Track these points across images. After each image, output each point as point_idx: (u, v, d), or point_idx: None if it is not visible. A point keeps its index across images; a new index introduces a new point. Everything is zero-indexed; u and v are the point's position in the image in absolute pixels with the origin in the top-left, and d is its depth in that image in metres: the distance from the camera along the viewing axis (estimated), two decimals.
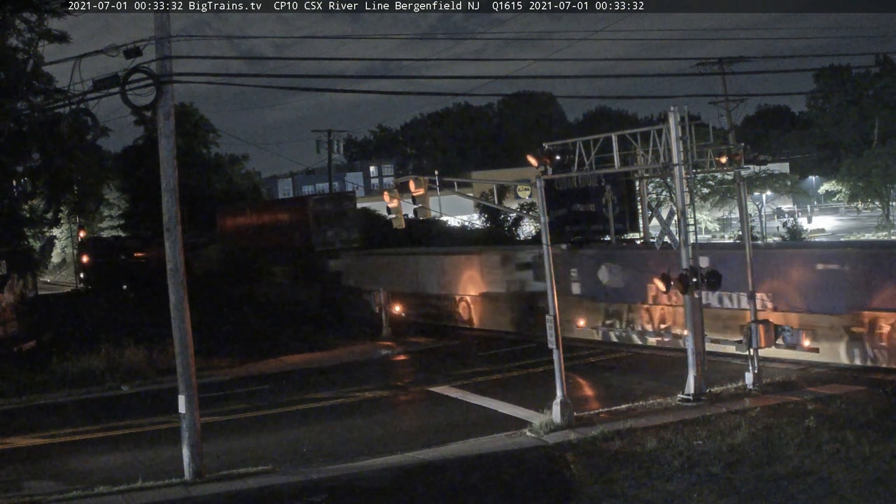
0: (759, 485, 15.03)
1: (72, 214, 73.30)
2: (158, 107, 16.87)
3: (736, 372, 22.90)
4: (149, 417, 22.89)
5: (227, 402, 24.50)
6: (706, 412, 19.76)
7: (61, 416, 23.85)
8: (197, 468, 17.07)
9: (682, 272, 21.17)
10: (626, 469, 16.38)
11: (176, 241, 17.30)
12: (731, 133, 52.03)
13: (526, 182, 57.34)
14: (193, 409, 17.19)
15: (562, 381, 19.66)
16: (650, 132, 22.73)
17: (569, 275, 30.97)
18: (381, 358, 31.50)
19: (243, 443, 20.21)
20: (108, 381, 27.36)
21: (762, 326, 22.12)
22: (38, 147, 42.25)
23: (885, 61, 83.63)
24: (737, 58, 49.77)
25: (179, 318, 17.21)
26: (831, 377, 22.63)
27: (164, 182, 17.27)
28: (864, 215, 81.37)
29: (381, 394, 25.03)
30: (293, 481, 16.82)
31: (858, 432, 17.13)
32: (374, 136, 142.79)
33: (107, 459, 19.35)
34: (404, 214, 23.15)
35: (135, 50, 16.38)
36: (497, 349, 30.74)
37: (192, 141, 70.00)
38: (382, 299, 35.00)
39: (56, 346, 32.22)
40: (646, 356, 27.45)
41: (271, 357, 31.74)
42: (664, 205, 52.28)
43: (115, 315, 43.58)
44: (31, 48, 38.34)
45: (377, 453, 18.49)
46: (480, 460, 17.66)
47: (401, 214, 22.89)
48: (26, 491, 17.03)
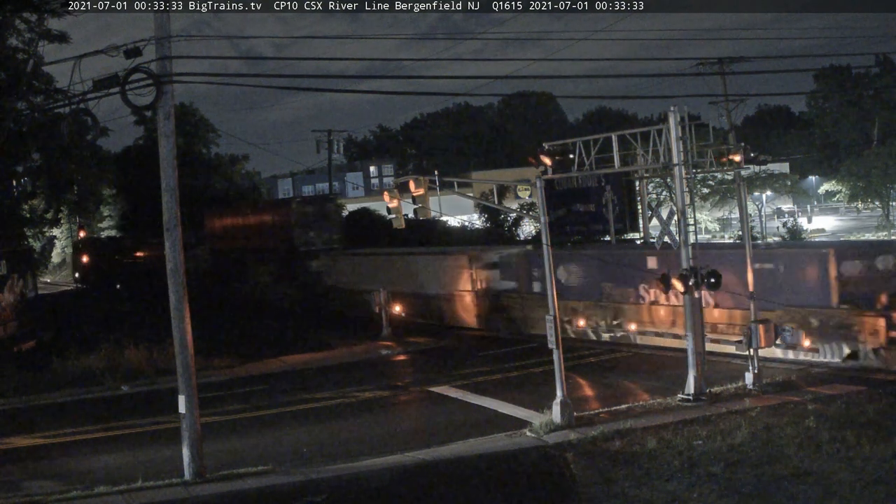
0: (759, 485, 15.03)
1: (72, 214, 73.31)
2: (158, 107, 16.87)
3: (736, 372, 22.90)
4: (149, 417, 22.89)
5: (227, 402, 24.50)
6: (706, 412, 19.77)
7: (61, 416, 23.84)
8: (197, 468, 17.07)
9: (683, 272, 21.19)
10: (626, 469, 16.38)
11: (176, 241, 17.28)
12: (731, 133, 51.97)
13: (526, 182, 57.42)
14: (193, 409, 17.19)
15: (562, 381, 19.66)
16: (650, 132, 22.74)
17: (531, 274, 32.67)
18: (381, 358, 31.50)
19: (243, 443, 20.22)
20: (108, 381, 27.35)
21: (762, 326, 22.14)
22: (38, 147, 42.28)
23: (885, 61, 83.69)
24: (737, 58, 49.67)
25: (179, 318, 17.20)
26: (831, 377, 22.64)
27: (164, 182, 17.26)
28: (865, 215, 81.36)
29: (381, 394, 25.03)
30: (293, 481, 16.82)
31: (858, 432, 17.13)
32: (374, 136, 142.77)
33: (107, 459, 19.35)
34: (404, 214, 23.15)
35: (135, 50, 16.38)
36: (497, 349, 30.74)
37: (192, 141, 70.00)
38: (382, 299, 35.01)
39: (56, 346, 32.22)
40: (646, 356, 27.48)
41: (271, 357, 31.75)
42: (664, 205, 52.31)
43: (113, 315, 43.57)
44: (31, 48, 38.33)
45: (377, 453, 18.49)
46: (480, 460, 17.66)
47: (401, 214, 22.89)
48: (26, 491, 17.03)
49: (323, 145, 67.59)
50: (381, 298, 34.93)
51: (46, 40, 38.86)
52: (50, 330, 38.04)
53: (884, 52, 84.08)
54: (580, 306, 30.85)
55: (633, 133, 24.33)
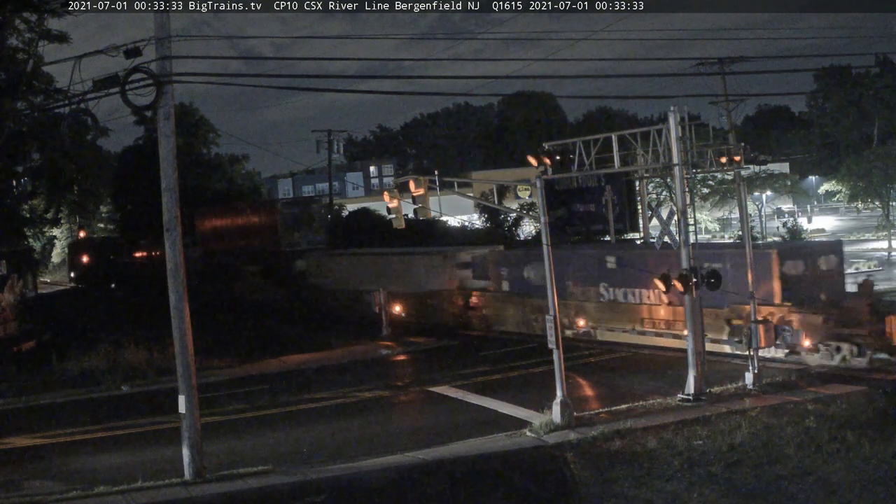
0: (759, 485, 15.03)
1: (72, 214, 73.35)
2: (158, 107, 16.87)
3: (736, 372, 22.90)
4: (149, 417, 22.89)
5: (227, 402, 24.50)
6: (706, 412, 19.76)
7: (61, 416, 23.84)
8: (197, 468, 17.07)
9: (683, 272, 21.19)
10: (626, 469, 16.39)
11: (176, 241, 17.28)
12: (731, 133, 51.96)
13: (526, 182, 57.31)
14: (193, 409, 17.19)
15: (562, 381, 19.65)
16: (650, 132, 22.74)
17: (500, 273, 34.24)
18: (380, 358, 31.49)
19: (243, 443, 20.21)
20: (108, 381, 27.35)
21: (762, 326, 22.14)
22: (38, 147, 42.29)
23: (885, 61, 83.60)
24: (737, 58, 49.58)
25: (179, 318, 17.19)
26: (832, 377, 22.64)
27: (164, 182, 17.25)
28: (864, 215, 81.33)
29: (381, 394, 25.02)
30: (293, 481, 16.82)
31: (858, 432, 17.13)
32: (374, 136, 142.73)
33: (107, 459, 19.35)
34: (404, 214, 23.15)
35: (135, 50, 16.38)
36: (497, 349, 30.73)
37: (192, 141, 69.95)
38: (382, 299, 35.02)
39: (56, 346, 32.21)
40: (646, 356, 27.47)
41: (271, 357, 31.75)
42: (664, 205, 52.28)
43: (111, 315, 43.60)
44: (31, 48, 38.33)
45: (377, 453, 18.48)
46: (480, 460, 17.66)
47: (401, 214, 22.89)
48: (26, 491, 17.02)
49: (323, 145, 67.55)
50: (381, 298, 34.94)
51: (46, 40, 38.87)
52: (50, 330, 38.03)
53: (884, 52, 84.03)
54: (545, 304, 31.38)
55: (633, 133, 24.34)
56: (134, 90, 16.63)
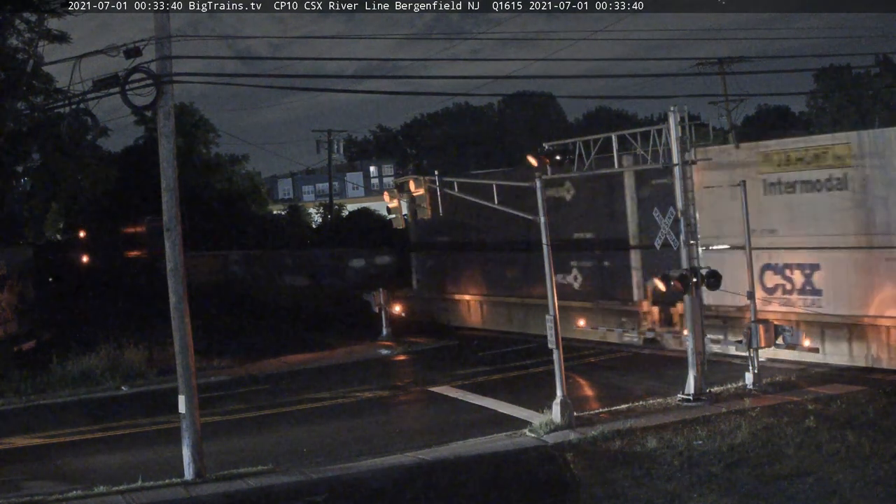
0: (759, 485, 15.03)
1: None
2: (158, 107, 16.86)
3: (736, 372, 22.91)
4: (149, 417, 22.89)
5: (227, 402, 24.51)
6: (706, 412, 19.77)
7: (61, 416, 23.84)
8: (197, 468, 17.07)
9: (683, 272, 21.19)
10: (626, 469, 16.38)
11: (176, 241, 17.28)
12: (731, 133, 51.92)
13: None
14: (193, 409, 17.19)
15: (562, 381, 19.66)
16: (650, 132, 22.74)
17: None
18: (381, 358, 31.50)
19: (243, 443, 20.22)
20: (108, 381, 27.34)
21: (762, 326, 22.13)
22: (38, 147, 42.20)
23: (885, 61, 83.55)
24: (737, 58, 49.59)
25: (179, 318, 17.19)
26: (831, 377, 22.65)
27: (164, 182, 17.25)
28: None
29: (381, 394, 25.03)
30: (293, 481, 16.83)
31: (858, 432, 17.13)
32: (374, 136, 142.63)
33: (107, 459, 19.34)
34: (404, 215, 23.16)
35: (135, 50, 16.37)
36: (497, 349, 30.75)
37: (192, 141, 69.89)
38: (382, 299, 34.97)
39: (56, 346, 32.21)
40: (646, 356, 27.50)
41: (271, 357, 31.76)
42: None
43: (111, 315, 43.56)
44: (31, 48, 38.30)
45: (377, 453, 18.49)
46: (480, 460, 17.67)
47: (401, 214, 22.92)
48: (26, 491, 17.01)
49: (323, 145, 67.62)
50: (381, 298, 34.90)
51: (46, 40, 38.79)
52: (50, 330, 38.01)
53: (884, 52, 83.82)
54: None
55: (633, 133, 24.32)
56: (134, 90, 16.62)
